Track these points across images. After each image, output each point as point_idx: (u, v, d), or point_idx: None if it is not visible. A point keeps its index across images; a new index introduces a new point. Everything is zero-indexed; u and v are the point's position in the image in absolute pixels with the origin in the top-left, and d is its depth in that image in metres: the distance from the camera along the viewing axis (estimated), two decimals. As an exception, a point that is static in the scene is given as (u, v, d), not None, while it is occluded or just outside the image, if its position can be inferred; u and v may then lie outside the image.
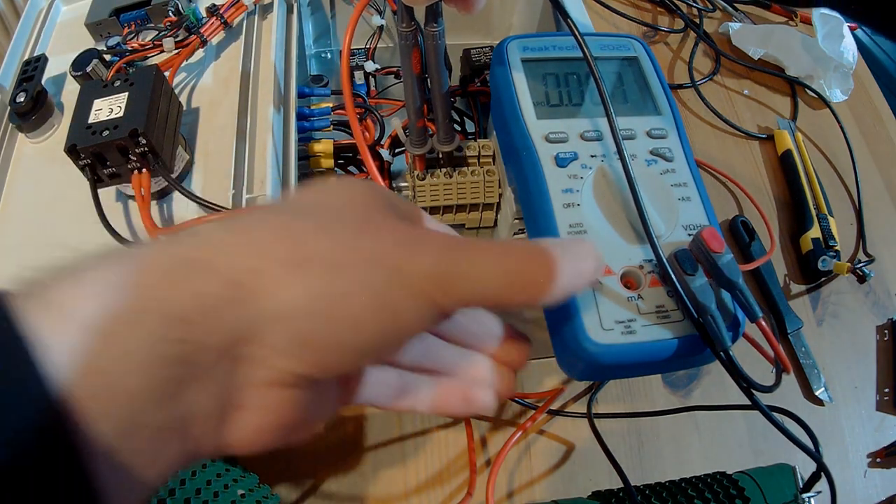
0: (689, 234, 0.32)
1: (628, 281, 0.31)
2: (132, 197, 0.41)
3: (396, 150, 0.54)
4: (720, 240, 0.29)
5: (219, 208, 0.38)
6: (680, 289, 0.29)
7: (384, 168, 0.53)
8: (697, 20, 0.82)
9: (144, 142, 0.37)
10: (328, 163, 0.50)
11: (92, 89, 0.40)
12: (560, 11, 0.34)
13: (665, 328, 0.29)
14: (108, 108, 0.38)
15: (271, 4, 0.50)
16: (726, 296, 0.30)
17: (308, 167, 0.50)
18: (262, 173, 0.40)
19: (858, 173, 0.71)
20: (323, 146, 0.50)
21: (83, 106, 0.39)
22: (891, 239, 0.68)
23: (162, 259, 0.18)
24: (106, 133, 0.37)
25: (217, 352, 0.17)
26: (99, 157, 0.38)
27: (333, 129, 0.52)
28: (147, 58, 0.47)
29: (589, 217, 0.32)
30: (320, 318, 0.18)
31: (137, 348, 0.16)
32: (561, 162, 0.34)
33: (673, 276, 0.29)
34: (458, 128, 0.58)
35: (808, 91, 0.77)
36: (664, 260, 0.29)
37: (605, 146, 0.35)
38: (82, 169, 0.38)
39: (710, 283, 0.29)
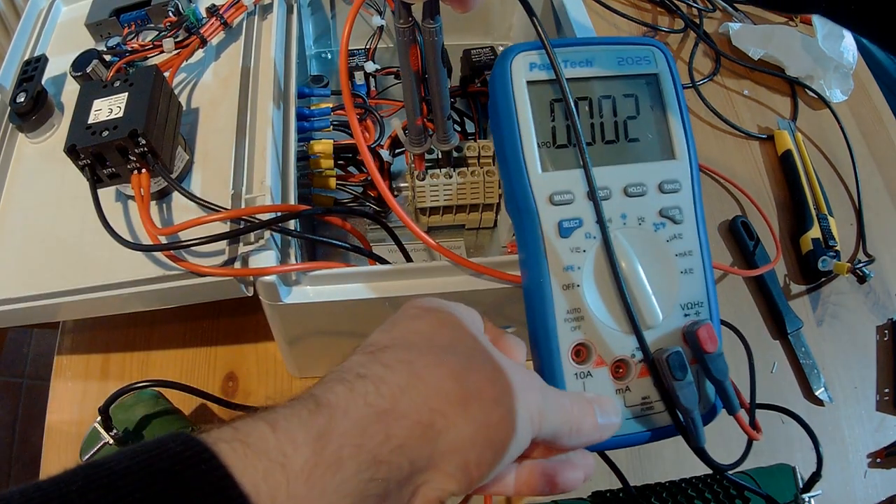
0: (686, 315, 0.31)
1: (619, 365, 0.30)
2: (132, 197, 0.41)
3: (396, 151, 0.54)
4: (715, 339, 0.29)
5: (218, 208, 0.38)
6: (668, 393, 0.29)
7: (384, 168, 0.53)
8: (697, 20, 0.82)
9: (144, 142, 0.37)
10: (328, 163, 0.50)
11: (92, 89, 0.40)
12: (533, 20, 0.33)
13: (646, 420, 0.30)
14: (107, 109, 0.38)
15: (271, 5, 0.50)
16: (710, 384, 0.30)
17: (308, 167, 0.50)
18: (261, 173, 0.40)
19: (858, 173, 0.71)
20: (323, 146, 0.50)
21: (83, 106, 0.39)
22: (891, 239, 0.68)
23: (353, 407, 0.21)
24: (106, 133, 0.37)
25: (402, 481, 0.21)
26: (99, 157, 0.38)
27: (333, 129, 0.52)
28: (147, 58, 0.47)
29: (588, 301, 0.30)
30: (480, 445, 0.22)
31: (340, 490, 0.19)
32: (564, 232, 0.30)
33: (663, 380, 0.29)
34: (458, 128, 0.58)
35: (808, 91, 0.77)
36: (655, 367, 0.30)
37: (613, 206, 0.31)
38: (82, 169, 0.38)
39: (696, 375, 0.29)
